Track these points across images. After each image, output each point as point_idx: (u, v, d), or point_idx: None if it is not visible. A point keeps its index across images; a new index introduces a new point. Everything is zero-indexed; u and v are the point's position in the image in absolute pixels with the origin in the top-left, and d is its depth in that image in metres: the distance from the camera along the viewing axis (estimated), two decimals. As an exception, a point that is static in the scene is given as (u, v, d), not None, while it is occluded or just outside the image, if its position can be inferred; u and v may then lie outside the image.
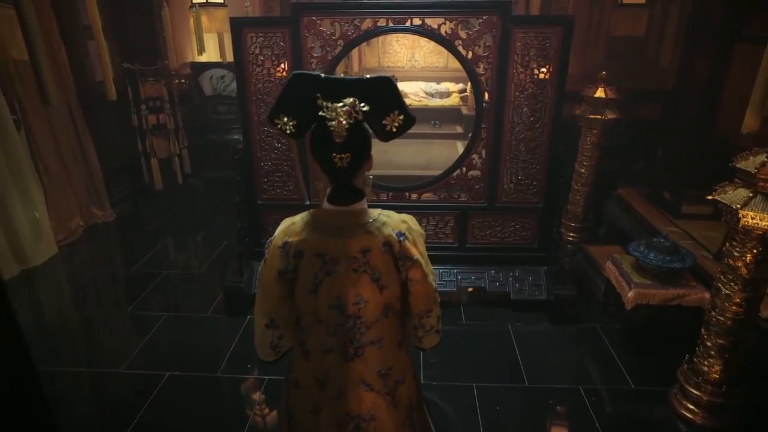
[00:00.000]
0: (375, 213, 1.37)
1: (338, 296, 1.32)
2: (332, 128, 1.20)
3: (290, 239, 1.33)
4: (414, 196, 3.24)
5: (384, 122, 1.27)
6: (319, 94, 1.22)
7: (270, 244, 1.38)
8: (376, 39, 6.14)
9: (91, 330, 3.27)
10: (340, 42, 2.88)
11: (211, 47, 4.84)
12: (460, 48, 2.87)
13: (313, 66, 2.94)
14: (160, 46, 4.86)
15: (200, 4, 4.14)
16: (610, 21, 4.04)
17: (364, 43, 5.21)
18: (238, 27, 2.86)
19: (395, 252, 1.32)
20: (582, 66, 4.33)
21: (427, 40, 3.02)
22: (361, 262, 1.31)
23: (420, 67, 8.86)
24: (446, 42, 2.86)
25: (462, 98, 7.75)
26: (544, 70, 2.88)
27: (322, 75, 1.28)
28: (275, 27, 2.87)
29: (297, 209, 1.49)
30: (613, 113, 3.83)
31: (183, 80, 5.41)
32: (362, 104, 1.22)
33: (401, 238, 1.33)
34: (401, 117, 1.26)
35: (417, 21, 2.86)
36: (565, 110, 3.05)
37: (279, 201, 3.26)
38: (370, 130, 1.31)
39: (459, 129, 7.57)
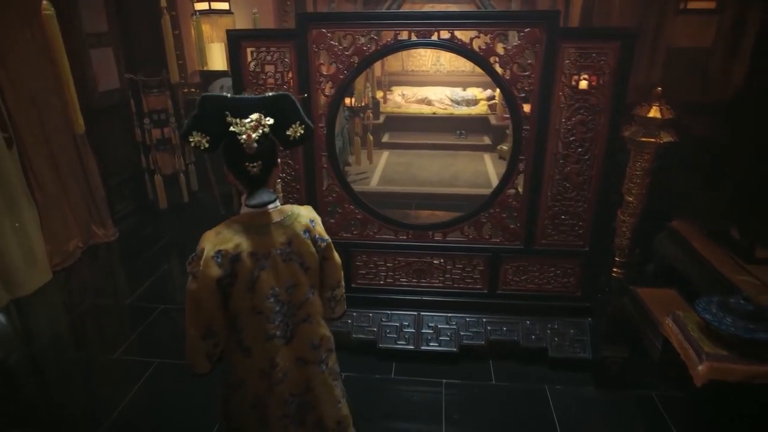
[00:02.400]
0: (287, 209, 1.55)
1: (273, 287, 1.49)
2: (243, 141, 1.38)
3: (223, 247, 1.43)
4: (438, 236, 2.80)
5: (288, 133, 1.49)
6: (227, 112, 1.40)
7: (196, 259, 1.45)
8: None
9: (68, 381, 2.90)
10: (355, 58, 2.46)
11: (219, 56, 4.47)
12: (496, 66, 2.42)
13: (324, 86, 2.53)
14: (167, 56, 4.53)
15: (202, 11, 3.76)
16: (670, 29, 3.51)
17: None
18: (236, 41, 2.47)
19: (313, 236, 1.55)
20: (632, 79, 3.81)
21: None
22: (287, 252, 1.50)
23: (446, 72, 8.39)
24: (479, 59, 2.41)
25: (490, 107, 7.26)
26: (596, 93, 2.41)
27: (229, 95, 1.45)
28: (279, 41, 2.47)
29: None
30: (669, 135, 3.30)
31: (193, 89, 5.08)
32: (267, 119, 1.42)
33: (313, 224, 1.57)
34: (302, 127, 1.50)
35: (445, 34, 2.42)
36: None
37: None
38: (276, 141, 1.50)
39: (486, 140, 7.09)
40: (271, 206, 1.48)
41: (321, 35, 2.43)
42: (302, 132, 1.49)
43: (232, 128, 1.39)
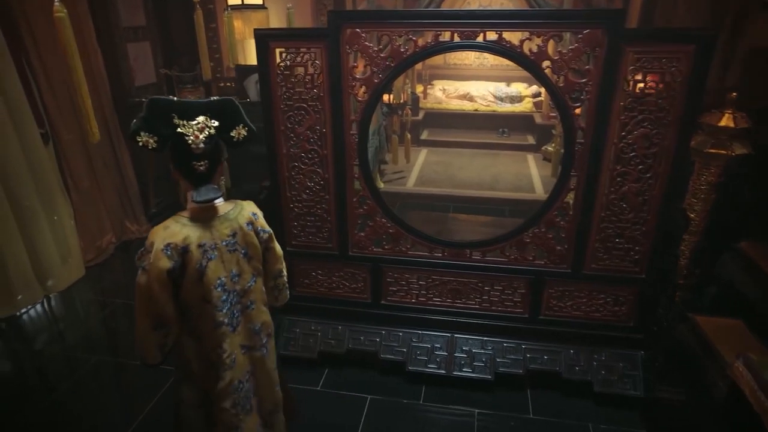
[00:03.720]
0: (231, 204, 1.65)
1: (219, 276, 1.57)
2: (191, 142, 1.46)
3: (172, 240, 1.49)
4: (476, 255, 2.57)
5: (231, 134, 1.59)
6: (174, 115, 1.47)
7: (146, 253, 1.50)
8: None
9: (96, 381, 2.88)
10: (391, 61, 2.25)
11: (254, 51, 4.34)
12: (548, 71, 2.16)
13: (357, 90, 2.34)
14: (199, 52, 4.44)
15: (234, 7, 3.62)
16: (752, 27, 3.10)
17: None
18: (264, 41, 2.30)
19: (255, 228, 1.66)
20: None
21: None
22: (231, 243, 1.59)
23: (489, 65, 8.00)
24: (530, 64, 2.16)
25: (535, 104, 6.87)
26: (664, 103, 2.11)
27: (176, 99, 1.54)
28: (310, 41, 2.29)
29: (331, 260, 2.05)
30: (743, 147, 2.95)
31: (229, 84, 5.00)
32: (213, 121, 1.51)
33: (256, 217, 1.68)
34: (245, 129, 1.60)
35: (492, 35, 2.17)
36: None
37: (311, 250, 2.71)
38: (221, 141, 1.58)
39: (530, 140, 6.71)
40: (217, 201, 1.56)
41: (355, 35, 2.23)
42: (245, 134, 1.61)
43: (179, 129, 1.47)
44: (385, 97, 4.92)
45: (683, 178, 2.28)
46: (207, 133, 1.48)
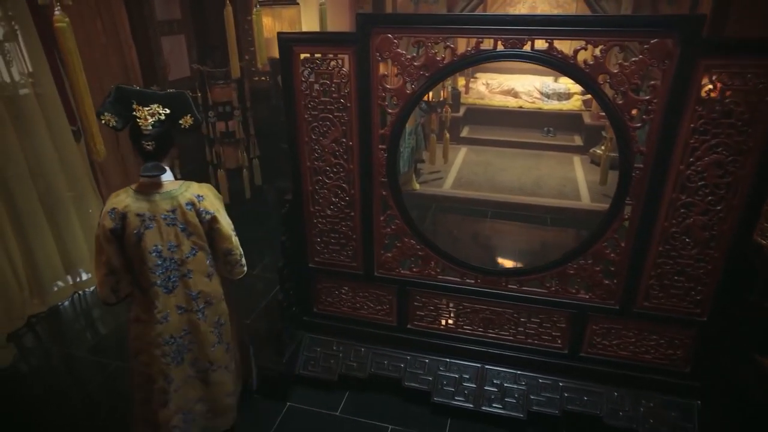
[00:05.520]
0: (178, 183, 1.86)
1: (156, 244, 1.80)
2: (141, 124, 1.75)
3: (116, 206, 1.77)
4: (513, 285, 2.33)
5: (180, 122, 1.83)
6: (134, 101, 1.76)
7: (102, 213, 1.79)
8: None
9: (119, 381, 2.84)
10: (425, 71, 2.03)
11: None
12: (606, 87, 1.88)
13: (387, 103, 2.13)
14: (240, 47, 4.32)
15: (264, 3, 3.44)
16: None
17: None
18: (287, 46, 2.11)
19: (197, 209, 1.85)
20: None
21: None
22: (170, 218, 1.81)
23: (535, 48, 7.58)
24: (584, 77, 1.88)
25: (585, 102, 6.43)
26: (745, 126, 1.80)
27: (138, 88, 1.86)
28: (337, 47, 2.09)
29: (355, 280, 2.38)
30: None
31: (264, 78, 4.88)
32: (166, 109, 1.78)
33: (200, 199, 1.86)
34: (192, 119, 1.84)
35: (541, 43, 1.91)
36: None
37: (334, 268, 2.55)
38: (172, 128, 1.84)
39: (578, 140, 6.29)
40: (164, 177, 1.80)
41: (386, 41, 2.02)
42: (191, 122, 1.83)
43: (135, 113, 1.74)
44: (424, 94, 4.67)
45: (759, 210, 1.96)
46: (156, 118, 1.75)
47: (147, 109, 1.75)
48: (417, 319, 2.56)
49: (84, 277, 3.60)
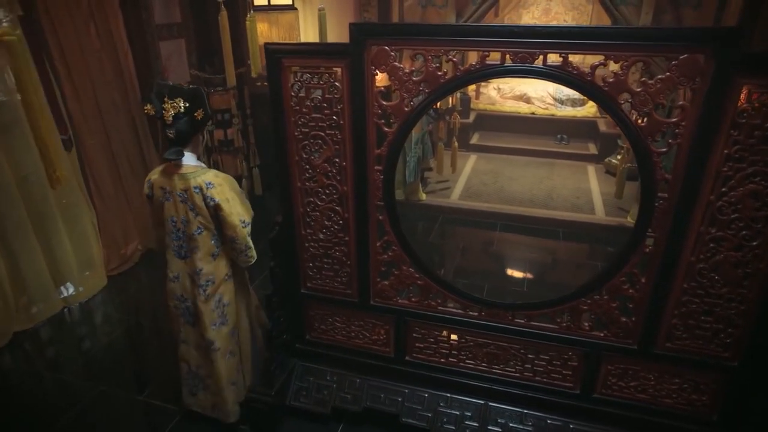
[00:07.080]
0: (194, 168, 2.11)
1: (172, 215, 2.14)
2: (164, 116, 1.99)
3: (150, 177, 2.17)
4: (520, 319, 2.13)
5: (195, 115, 2.03)
6: (165, 95, 2.01)
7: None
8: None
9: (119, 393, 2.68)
10: (425, 86, 1.84)
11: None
12: (627, 107, 1.67)
13: (383, 120, 1.95)
14: (240, 52, 4.16)
15: (259, 8, 3.25)
16: None
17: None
18: (275, 58, 1.94)
19: (204, 194, 2.07)
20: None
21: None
22: (183, 196, 2.09)
23: (549, 62, 7.35)
24: (602, 96, 1.68)
25: (600, 109, 6.19)
26: (786, 154, 1.58)
27: (171, 83, 2.29)
28: (328, 59, 1.91)
29: (350, 308, 2.35)
30: None
31: (265, 83, 4.70)
32: (186, 103, 2.00)
33: (209, 186, 2.08)
34: (203, 112, 2.05)
35: (554, 57, 1.71)
36: None
37: (327, 294, 2.37)
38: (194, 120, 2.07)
39: (592, 149, 6.04)
40: (185, 161, 2.08)
41: (382, 54, 1.83)
42: (203, 115, 2.04)
43: (163, 105, 1.98)
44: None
45: None
46: (176, 110, 1.97)
47: (171, 102, 1.97)
48: (416, 350, 2.38)
49: (72, 291, 3.45)
